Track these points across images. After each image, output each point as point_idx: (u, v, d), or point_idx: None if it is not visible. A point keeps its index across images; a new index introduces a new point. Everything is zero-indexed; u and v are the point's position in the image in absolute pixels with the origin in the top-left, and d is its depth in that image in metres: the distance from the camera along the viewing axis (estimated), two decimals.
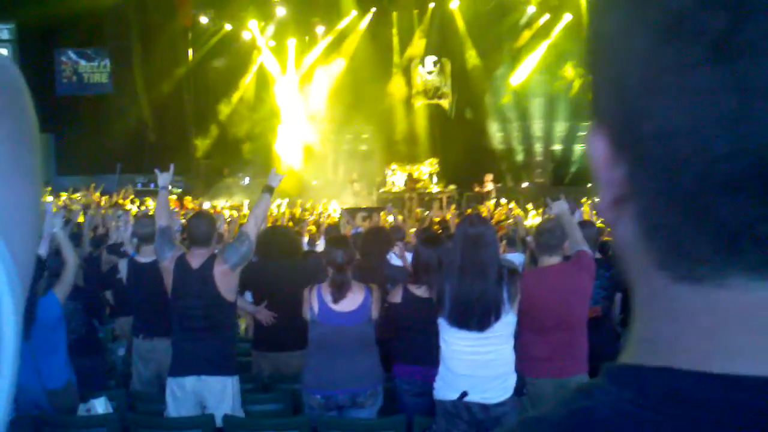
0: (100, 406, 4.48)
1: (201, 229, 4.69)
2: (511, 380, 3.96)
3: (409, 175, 20.05)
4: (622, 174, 0.46)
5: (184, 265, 4.60)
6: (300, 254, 6.07)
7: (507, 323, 3.92)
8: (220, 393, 4.50)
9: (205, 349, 4.51)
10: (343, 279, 4.45)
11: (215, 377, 4.51)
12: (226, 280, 4.54)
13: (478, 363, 3.92)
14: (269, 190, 4.92)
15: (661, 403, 0.44)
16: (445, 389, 4.00)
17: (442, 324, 4.00)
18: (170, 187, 5.13)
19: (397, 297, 4.64)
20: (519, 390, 3.99)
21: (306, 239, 8.86)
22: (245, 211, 14.12)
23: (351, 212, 12.77)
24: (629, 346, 0.50)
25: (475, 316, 3.87)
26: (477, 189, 19.10)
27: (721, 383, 0.43)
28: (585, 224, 5.34)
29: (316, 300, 4.47)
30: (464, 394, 3.89)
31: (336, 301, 4.44)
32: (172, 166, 5.29)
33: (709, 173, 0.41)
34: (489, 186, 18.94)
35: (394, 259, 6.54)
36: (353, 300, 4.46)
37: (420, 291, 4.54)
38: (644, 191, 0.45)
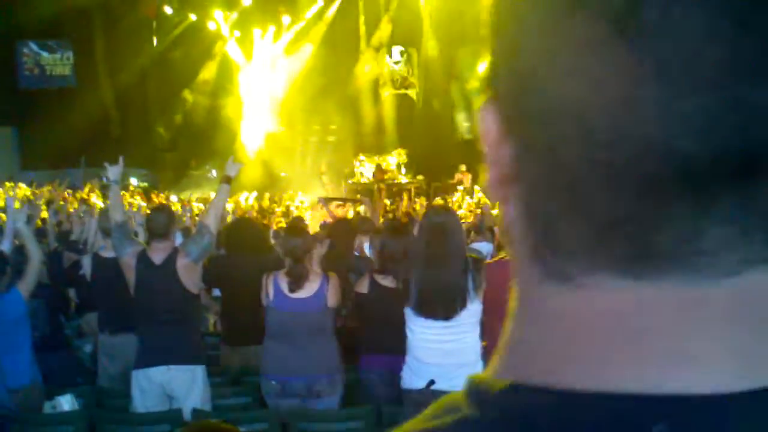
0: (66, 403, 4.45)
1: (160, 222, 4.68)
2: (478, 368, 4.00)
3: (378, 166, 20.05)
4: (510, 153, 0.43)
5: (146, 260, 4.58)
6: (267, 247, 6.06)
7: (473, 312, 3.97)
8: (190, 382, 4.51)
9: (171, 340, 4.52)
10: (301, 270, 4.50)
11: (184, 366, 4.52)
12: (188, 273, 4.55)
13: (444, 351, 3.96)
14: (227, 180, 4.99)
15: (497, 423, 0.41)
16: (412, 378, 4.04)
17: (409, 313, 4.03)
18: (137, 182, 5.22)
19: (363, 287, 4.67)
20: None
21: (273, 232, 8.83)
22: None
23: (327, 201, 12.80)
24: (496, 353, 0.47)
25: (441, 305, 3.91)
26: (453, 180, 19.04)
27: (560, 400, 0.40)
28: None
29: (272, 287, 4.53)
30: (431, 382, 3.93)
31: (292, 290, 4.50)
32: (121, 159, 5.33)
33: (589, 161, 0.38)
34: (462, 177, 18.91)
35: (367, 251, 6.57)
36: (308, 287, 4.52)
37: (386, 281, 4.57)
38: (528, 174, 0.42)
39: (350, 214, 10.71)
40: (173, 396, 4.52)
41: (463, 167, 19.20)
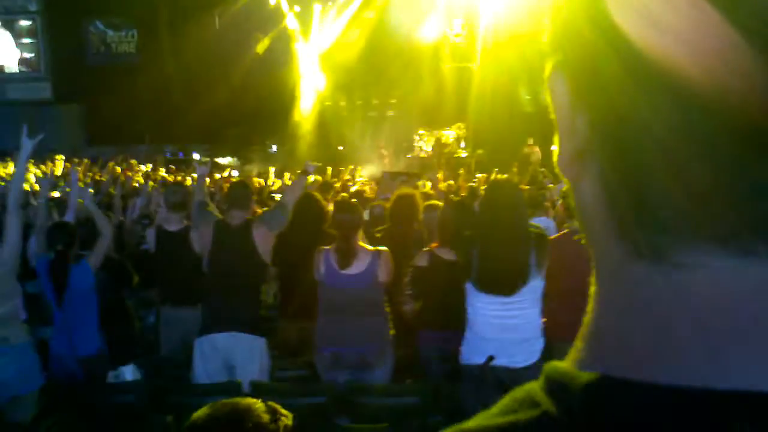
0: (128, 373, 4.55)
1: (239, 192, 4.99)
2: (538, 344, 3.95)
3: (437, 140, 19.92)
4: (586, 122, 0.40)
5: (223, 225, 4.82)
6: (326, 222, 6.04)
7: (534, 288, 3.89)
8: (250, 351, 4.61)
9: (238, 308, 4.66)
10: (348, 246, 4.51)
11: (248, 335, 4.64)
12: (263, 240, 4.74)
13: (505, 327, 3.90)
14: (305, 173, 5.61)
15: (584, 425, 0.37)
16: (471, 354, 3.99)
17: (470, 289, 3.98)
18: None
19: (423, 261, 4.64)
20: (546, 355, 3.97)
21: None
22: (274, 177, 14.17)
23: (392, 175, 12.80)
24: (578, 341, 0.43)
25: (503, 281, 3.85)
26: (525, 150, 18.71)
27: (661, 398, 0.36)
28: None
29: (323, 263, 4.56)
30: (491, 358, 3.88)
31: (342, 267, 4.51)
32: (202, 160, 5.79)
33: (686, 122, 0.35)
34: (530, 151, 18.55)
35: None
36: (359, 263, 4.52)
37: (446, 254, 4.52)
38: (610, 144, 0.38)
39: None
40: (233, 364, 4.58)
41: (531, 141, 18.86)
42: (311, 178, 7.20)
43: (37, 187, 8.65)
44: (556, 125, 0.43)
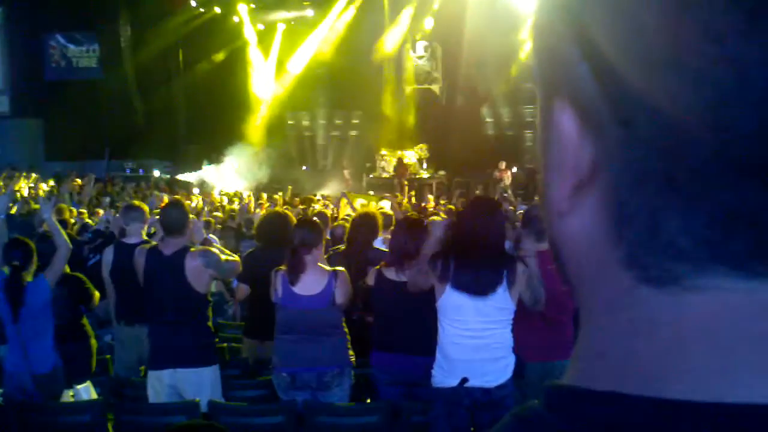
0: (84, 392, 4.49)
1: (173, 215, 4.67)
2: (510, 361, 3.96)
3: (399, 161, 20.03)
4: (591, 153, 0.40)
5: (156, 253, 4.60)
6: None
7: (503, 307, 3.91)
8: (198, 384, 4.51)
9: (178, 341, 4.50)
10: (296, 261, 4.45)
11: (191, 369, 4.52)
12: (196, 274, 4.51)
13: (476, 347, 3.90)
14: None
15: None
16: (444, 376, 3.98)
17: (442, 308, 3.97)
18: (159, 174, 5.29)
19: (371, 280, 4.65)
20: (518, 372, 4.01)
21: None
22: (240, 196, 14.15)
23: (352, 197, 12.86)
24: (576, 361, 0.43)
25: (482, 279, 3.86)
26: (496, 175, 18.82)
27: (674, 412, 0.36)
28: None
29: (280, 283, 4.50)
30: (464, 380, 3.88)
31: (292, 282, 4.45)
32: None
33: (721, 154, 0.35)
34: (502, 174, 18.67)
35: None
36: (316, 284, 4.47)
37: (391, 274, 4.53)
38: (615, 173, 0.39)
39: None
40: (185, 396, 4.52)
41: (503, 164, 19.04)
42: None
43: None
44: (547, 164, 0.43)
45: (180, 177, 20.44)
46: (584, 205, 0.41)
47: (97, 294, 5.61)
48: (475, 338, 3.91)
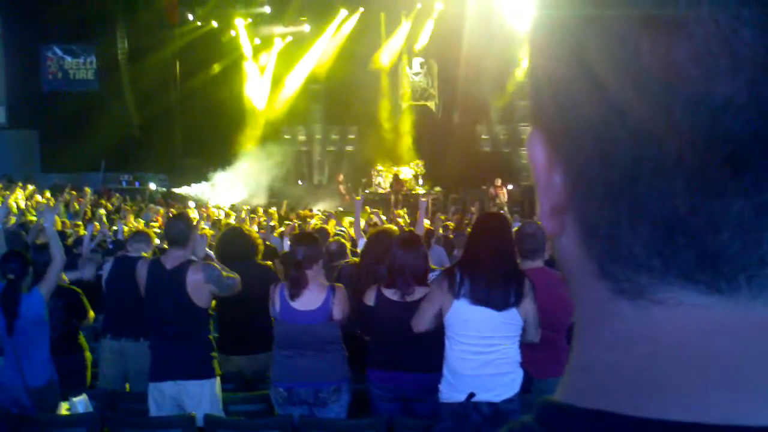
0: (80, 405, 4.47)
1: (177, 227, 4.69)
2: (518, 376, 3.95)
3: (395, 177, 20.06)
4: (561, 179, 0.42)
5: (158, 266, 4.60)
6: (257, 255, 5.81)
7: (511, 323, 3.92)
8: (198, 396, 4.51)
9: (179, 355, 4.51)
10: (299, 276, 4.46)
11: (192, 381, 4.52)
12: (196, 288, 4.52)
13: (484, 362, 3.90)
14: None
15: None
16: (451, 392, 3.97)
17: (449, 324, 3.97)
18: (155, 187, 5.25)
19: (370, 299, 4.59)
20: (526, 387, 4.00)
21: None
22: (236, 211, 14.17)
23: (338, 215, 12.95)
24: (568, 374, 0.45)
25: (495, 293, 3.85)
26: (492, 192, 18.88)
27: (649, 431, 0.37)
28: None
29: (278, 298, 4.50)
30: (472, 395, 3.88)
31: (293, 297, 4.45)
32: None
33: (638, 160, 0.37)
34: (498, 191, 18.69)
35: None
36: (314, 299, 4.47)
37: (392, 294, 4.50)
38: (583, 194, 0.41)
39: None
40: (185, 408, 4.52)
41: (499, 181, 19.07)
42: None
43: None
44: (535, 183, 0.46)
45: (176, 190, 20.42)
46: (568, 223, 0.43)
47: (92, 313, 5.59)
48: (482, 353, 3.91)
